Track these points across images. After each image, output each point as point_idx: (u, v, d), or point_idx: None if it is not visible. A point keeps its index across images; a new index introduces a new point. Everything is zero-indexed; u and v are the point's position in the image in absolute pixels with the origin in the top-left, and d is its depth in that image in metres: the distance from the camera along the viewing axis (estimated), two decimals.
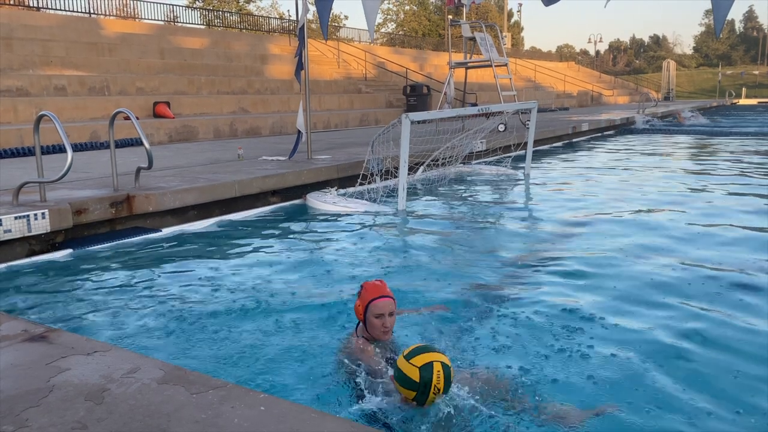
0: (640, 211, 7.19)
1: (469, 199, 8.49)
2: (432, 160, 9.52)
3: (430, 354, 2.46)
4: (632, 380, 2.94)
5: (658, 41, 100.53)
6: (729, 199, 8.01)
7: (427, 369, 2.39)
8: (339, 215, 7.00)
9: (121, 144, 11.03)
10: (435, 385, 2.40)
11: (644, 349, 3.27)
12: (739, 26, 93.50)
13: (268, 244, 5.80)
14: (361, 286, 3.08)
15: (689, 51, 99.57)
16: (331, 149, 10.61)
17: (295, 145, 9.25)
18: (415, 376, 2.40)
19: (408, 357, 2.47)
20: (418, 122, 8.27)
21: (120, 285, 4.51)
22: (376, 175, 8.13)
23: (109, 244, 5.56)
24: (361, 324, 3.08)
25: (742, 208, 7.29)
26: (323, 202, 7.48)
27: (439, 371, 2.40)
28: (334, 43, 27.82)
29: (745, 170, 10.64)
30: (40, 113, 5.56)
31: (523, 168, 10.31)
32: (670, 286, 4.38)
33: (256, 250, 5.58)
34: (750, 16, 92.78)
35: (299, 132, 9.25)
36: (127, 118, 6.08)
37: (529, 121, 10.43)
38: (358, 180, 8.15)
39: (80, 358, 2.35)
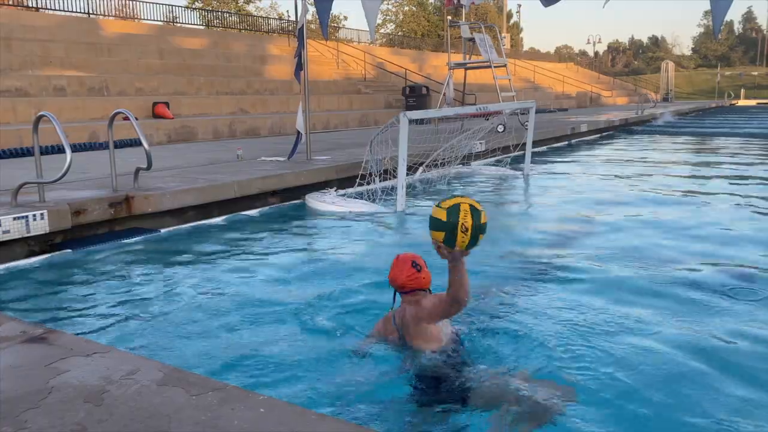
0: (639, 210, 7.18)
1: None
2: (431, 161, 9.52)
3: (459, 198, 2.62)
4: (631, 379, 2.95)
5: (656, 42, 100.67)
6: (732, 197, 8.03)
7: (454, 209, 2.55)
8: (338, 215, 7.00)
9: (120, 144, 11.02)
10: (462, 224, 2.53)
11: (644, 348, 3.27)
12: (738, 27, 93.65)
13: (268, 245, 5.80)
14: (414, 261, 3.12)
15: (688, 52, 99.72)
16: (331, 150, 10.61)
17: (294, 146, 9.25)
18: (442, 216, 2.56)
19: (438, 203, 2.63)
20: (417, 122, 8.27)
21: (119, 286, 4.51)
22: (375, 175, 8.14)
23: (108, 245, 5.55)
24: (423, 292, 3.10)
25: (746, 205, 7.31)
26: (322, 202, 7.48)
27: (466, 210, 2.55)
28: (334, 43, 27.82)
29: (746, 168, 10.66)
30: (39, 113, 5.56)
31: (522, 168, 10.32)
32: (671, 286, 4.38)
33: (255, 250, 5.57)
34: (749, 17, 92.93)
35: (298, 133, 9.25)
36: (126, 118, 6.08)
37: (528, 122, 10.45)
38: (357, 180, 8.16)
39: (79, 359, 2.35)
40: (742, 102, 51.72)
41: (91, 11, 20.90)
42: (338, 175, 8.48)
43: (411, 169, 8.78)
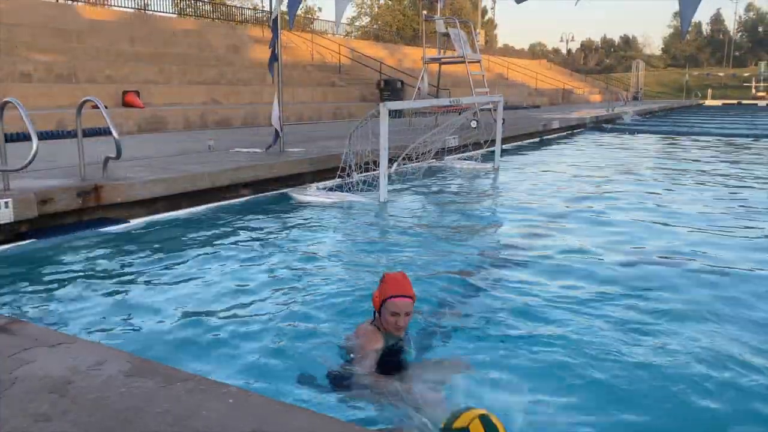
0: (606, 204, 7.33)
1: (446, 192, 8.62)
2: (407, 154, 9.55)
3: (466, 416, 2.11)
4: (598, 371, 3.02)
5: (628, 41, 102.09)
6: (697, 191, 8.24)
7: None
8: (322, 207, 7.01)
9: (89, 133, 10.79)
10: None
11: (612, 340, 3.35)
12: (706, 29, 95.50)
13: (241, 236, 5.75)
14: (383, 277, 2.92)
15: (658, 52, 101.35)
16: (305, 142, 10.55)
17: (274, 139, 9.12)
18: None
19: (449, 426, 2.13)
20: (391, 116, 8.28)
21: (86, 276, 4.43)
22: (353, 170, 8.13)
23: (75, 235, 5.45)
24: (375, 313, 2.97)
25: (710, 200, 7.51)
26: (305, 195, 7.49)
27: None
28: (309, 35, 27.61)
29: (713, 167, 10.92)
30: (4, 99, 5.42)
31: (493, 162, 10.52)
32: (638, 278, 4.48)
33: (227, 241, 5.52)
34: (717, 19, 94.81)
35: (276, 129, 9.12)
36: (95, 106, 5.97)
37: (504, 118, 10.60)
38: (338, 173, 8.14)
39: (44, 350, 2.31)
40: (708, 102, 52.82)
41: None
42: (312, 168, 8.44)
43: (389, 161, 8.83)
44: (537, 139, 16.68)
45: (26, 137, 5.41)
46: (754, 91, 58.12)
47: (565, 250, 5.26)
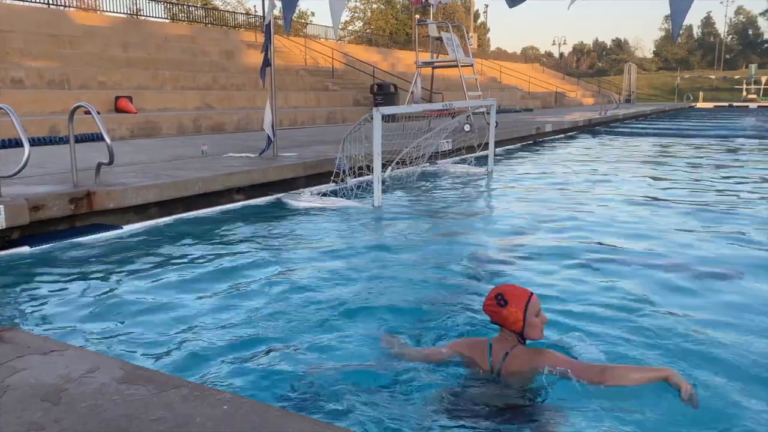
0: (598, 207, 7.36)
1: (439, 196, 8.63)
2: (400, 159, 9.57)
3: None
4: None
5: (620, 44, 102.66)
6: (686, 195, 8.28)
7: None
8: (316, 212, 7.00)
9: (82, 139, 10.76)
10: None
11: (608, 347, 3.35)
12: (697, 32, 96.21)
13: (235, 242, 5.73)
14: (501, 295, 2.75)
15: (650, 55, 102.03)
16: (298, 147, 10.55)
17: (267, 144, 9.12)
18: None
19: None
20: (385, 120, 8.30)
21: (79, 283, 4.41)
22: (347, 174, 8.13)
23: (68, 241, 5.43)
24: (509, 334, 2.79)
25: (701, 201, 7.54)
26: (299, 201, 7.48)
27: None
28: (302, 39, 27.66)
29: (705, 168, 10.98)
30: None
31: (486, 165, 10.55)
32: (635, 280, 4.49)
33: (220, 247, 5.51)
34: (708, 22, 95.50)
35: (268, 135, 9.11)
36: (87, 112, 5.95)
37: (497, 122, 10.64)
38: (331, 178, 8.14)
39: (37, 357, 2.29)
40: (700, 104, 53.14)
41: (50, 1, 20.29)
42: (306, 173, 8.44)
43: (382, 166, 8.84)
44: (530, 143, 16.75)
45: (18, 143, 5.39)
46: (745, 93, 58.53)
47: (560, 253, 5.28)
